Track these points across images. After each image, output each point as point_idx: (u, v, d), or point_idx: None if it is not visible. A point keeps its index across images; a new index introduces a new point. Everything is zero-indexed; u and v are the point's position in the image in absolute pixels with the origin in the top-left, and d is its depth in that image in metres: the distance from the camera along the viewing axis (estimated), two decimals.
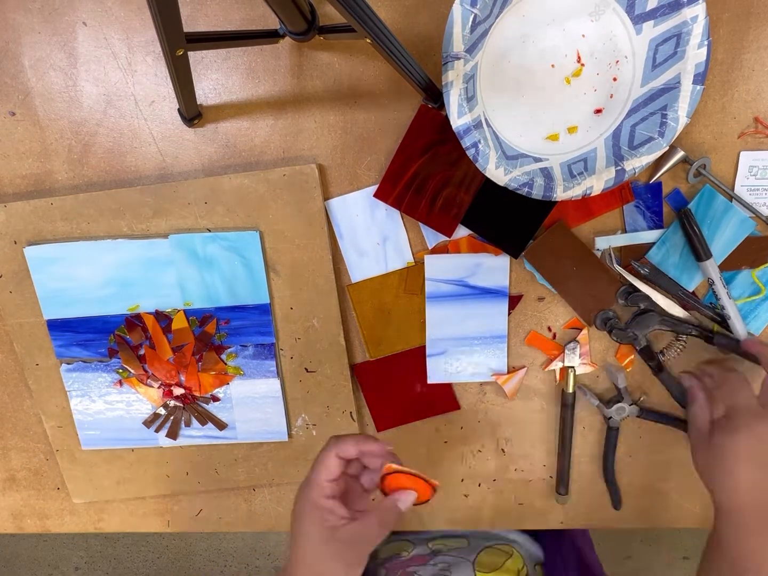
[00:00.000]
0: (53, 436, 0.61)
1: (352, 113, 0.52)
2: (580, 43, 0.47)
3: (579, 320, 0.57)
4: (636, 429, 0.60)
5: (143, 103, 0.53)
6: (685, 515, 0.62)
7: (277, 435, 0.59)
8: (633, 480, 0.62)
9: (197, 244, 0.54)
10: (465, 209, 0.53)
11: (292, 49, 0.51)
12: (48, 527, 0.66)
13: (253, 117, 0.53)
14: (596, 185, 0.45)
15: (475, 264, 0.55)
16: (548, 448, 0.61)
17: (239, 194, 0.52)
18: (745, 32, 0.49)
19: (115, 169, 0.54)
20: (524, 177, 0.46)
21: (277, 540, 1.66)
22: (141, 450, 0.61)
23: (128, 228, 0.54)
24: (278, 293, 0.55)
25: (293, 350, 0.57)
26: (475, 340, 0.57)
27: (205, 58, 0.52)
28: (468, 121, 0.45)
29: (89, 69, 0.52)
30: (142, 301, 0.55)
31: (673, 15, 0.43)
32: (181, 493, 0.63)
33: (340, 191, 0.54)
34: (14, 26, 0.51)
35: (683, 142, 0.51)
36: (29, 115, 0.53)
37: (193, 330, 0.56)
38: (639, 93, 0.46)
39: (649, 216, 0.53)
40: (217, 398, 0.58)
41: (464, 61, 0.45)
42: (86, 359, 0.58)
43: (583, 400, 0.59)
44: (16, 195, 0.55)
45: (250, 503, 0.63)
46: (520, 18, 0.47)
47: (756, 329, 0.56)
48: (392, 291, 0.56)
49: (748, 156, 0.51)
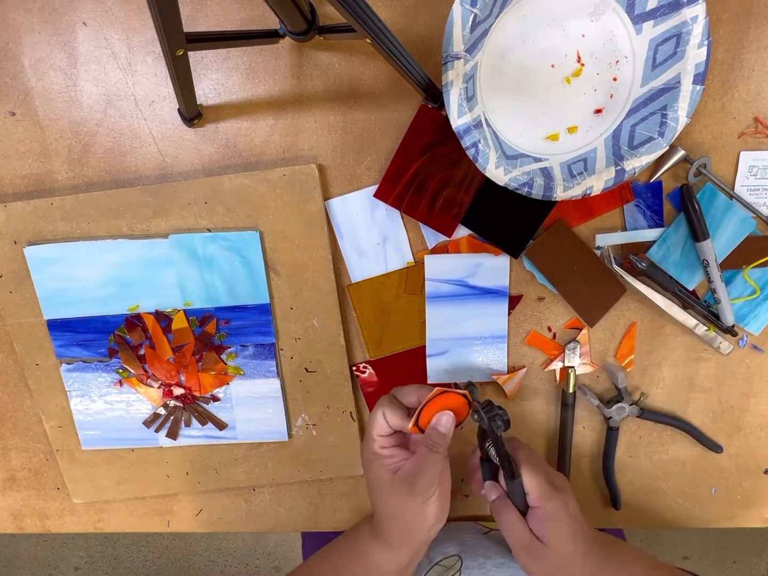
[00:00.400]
0: (53, 436, 0.61)
1: (352, 113, 0.52)
2: (580, 43, 0.47)
3: (579, 320, 0.57)
4: (636, 429, 0.60)
5: (143, 103, 0.53)
6: (685, 515, 0.63)
7: (277, 435, 0.59)
8: (633, 480, 0.62)
9: (197, 244, 0.54)
10: (465, 209, 0.53)
11: (292, 49, 0.51)
12: (48, 527, 0.66)
13: (253, 117, 0.53)
14: (596, 185, 0.45)
15: (475, 264, 0.55)
16: (548, 448, 0.61)
17: (239, 194, 0.52)
18: (745, 32, 0.49)
19: (115, 169, 0.54)
20: (524, 177, 0.46)
21: (277, 540, 1.66)
22: (141, 450, 0.61)
23: (128, 228, 0.54)
24: (278, 293, 0.55)
25: (293, 350, 0.57)
26: (475, 340, 0.57)
27: (205, 58, 0.52)
28: (468, 121, 0.45)
29: (89, 69, 0.52)
30: (142, 301, 0.55)
31: (673, 15, 0.43)
32: (181, 493, 0.63)
33: (340, 191, 0.54)
34: (14, 26, 0.51)
35: (683, 142, 0.51)
36: (29, 115, 0.53)
37: (193, 330, 0.56)
38: (639, 93, 0.46)
39: (650, 215, 0.53)
40: (217, 398, 0.58)
41: (464, 61, 0.45)
42: (86, 359, 0.58)
43: (583, 400, 0.59)
44: (16, 195, 0.55)
45: (250, 503, 0.63)
46: (520, 18, 0.47)
47: (756, 329, 0.56)
48: (392, 291, 0.56)
49: (748, 156, 0.51)
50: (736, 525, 0.64)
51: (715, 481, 0.61)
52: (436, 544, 0.56)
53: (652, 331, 0.57)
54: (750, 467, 0.61)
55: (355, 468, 0.60)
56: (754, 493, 0.62)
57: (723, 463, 0.61)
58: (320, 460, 0.60)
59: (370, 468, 0.47)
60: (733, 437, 0.60)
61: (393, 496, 0.45)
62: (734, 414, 0.59)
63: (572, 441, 0.60)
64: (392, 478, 0.45)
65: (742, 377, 0.58)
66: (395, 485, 0.45)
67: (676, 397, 0.59)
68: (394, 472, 0.46)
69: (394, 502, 0.45)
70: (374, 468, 0.47)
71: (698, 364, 0.58)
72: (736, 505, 0.62)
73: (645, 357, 0.58)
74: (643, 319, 0.56)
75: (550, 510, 0.45)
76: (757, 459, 0.61)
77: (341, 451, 0.60)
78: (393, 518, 0.46)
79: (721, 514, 0.63)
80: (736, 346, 0.57)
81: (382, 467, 0.46)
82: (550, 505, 0.45)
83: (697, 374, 0.58)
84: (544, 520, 0.45)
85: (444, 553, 0.56)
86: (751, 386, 0.58)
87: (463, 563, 0.53)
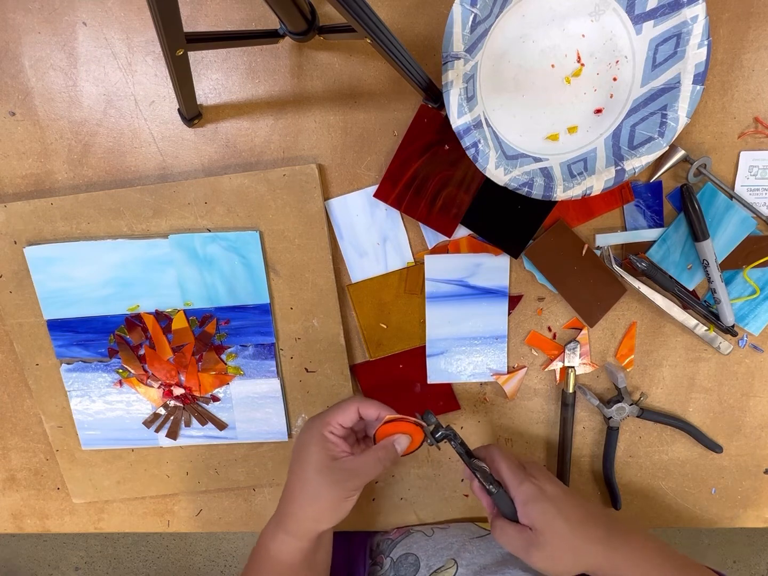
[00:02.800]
0: (53, 436, 0.61)
1: (352, 113, 0.52)
2: (580, 43, 0.47)
3: (579, 320, 0.57)
4: (636, 429, 0.60)
5: (143, 103, 0.53)
6: (685, 515, 0.63)
7: (277, 435, 0.59)
8: (633, 480, 0.62)
9: (197, 244, 0.54)
10: (465, 209, 0.53)
11: (292, 49, 0.51)
12: (48, 527, 0.66)
13: (253, 117, 0.53)
14: (596, 185, 0.45)
15: (475, 264, 0.55)
16: (548, 448, 0.61)
17: (239, 194, 0.52)
18: (745, 32, 0.49)
19: (115, 169, 0.54)
20: (524, 177, 0.46)
21: None
22: (141, 450, 0.61)
23: (128, 228, 0.54)
24: (278, 293, 0.55)
25: (293, 350, 0.57)
26: (475, 340, 0.57)
27: (205, 58, 0.52)
28: (468, 121, 0.45)
29: (89, 69, 0.52)
30: (142, 301, 0.55)
31: (673, 15, 0.43)
32: (181, 493, 0.63)
33: (340, 191, 0.54)
34: (14, 26, 0.51)
35: (683, 142, 0.51)
36: (29, 115, 0.53)
37: (193, 330, 0.56)
38: (639, 93, 0.46)
39: (650, 215, 0.53)
40: (217, 398, 0.58)
41: (464, 60, 0.45)
42: (86, 359, 0.58)
43: (583, 400, 0.59)
44: (16, 195, 0.55)
45: (250, 503, 0.63)
46: (520, 18, 0.47)
47: (756, 329, 0.56)
48: (392, 291, 0.56)
49: (748, 156, 0.51)
50: (736, 525, 0.64)
51: (715, 481, 0.61)
52: (434, 551, 0.57)
53: (652, 331, 0.57)
54: (750, 467, 0.61)
55: None
56: (754, 493, 0.62)
57: (723, 463, 0.61)
58: None
59: (311, 448, 0.48)
60: (733, 437, 0.60)
61: (323, 479, 0.47)
62: (734, 414, 0.59)
63: (572, 441, 0.60)
64: (332, 463, 0.47)
65: (742, 377, 0.58)
66: (333, 471, 0.47)
67: (676, 397, 0.59)
68: (333, 459, 0.47)
69: (322, 483, 0.46)
70: (317, 447, 0.48)
71: (698, 364, 0.58)
72: (736, 505, 0.62)
73: (645, 357, 0.58)
74: (643, 319, 0.56)
75: (526, 492, 0.46)
76: (757, 459, 0.61)
77: None
78: (309, 498, 0.47)
79: (721, 514, 0.63)
80: (736, 346, 0.57)
81: (324, 450, 0.47)
82: (524, 488, 0.46)
83: (697, 374, 0.58)
84: (524, 504, 0.46)
85: (440, 556, 0.56)
86: (751, 386, 0.58)
87: (458, 570, 0.53)
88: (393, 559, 0.59)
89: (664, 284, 0.53)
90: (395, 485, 0.62)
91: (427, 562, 0.55)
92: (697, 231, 0.51)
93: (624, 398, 0.57)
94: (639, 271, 0.52)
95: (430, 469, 0.62)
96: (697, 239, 0.51)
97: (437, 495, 0.63)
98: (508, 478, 0.48)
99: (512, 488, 0.47)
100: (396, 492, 0.62)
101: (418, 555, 0.58)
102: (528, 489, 0.46)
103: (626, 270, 0.53)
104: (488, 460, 0.50)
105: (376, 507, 0.63)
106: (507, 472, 0.48)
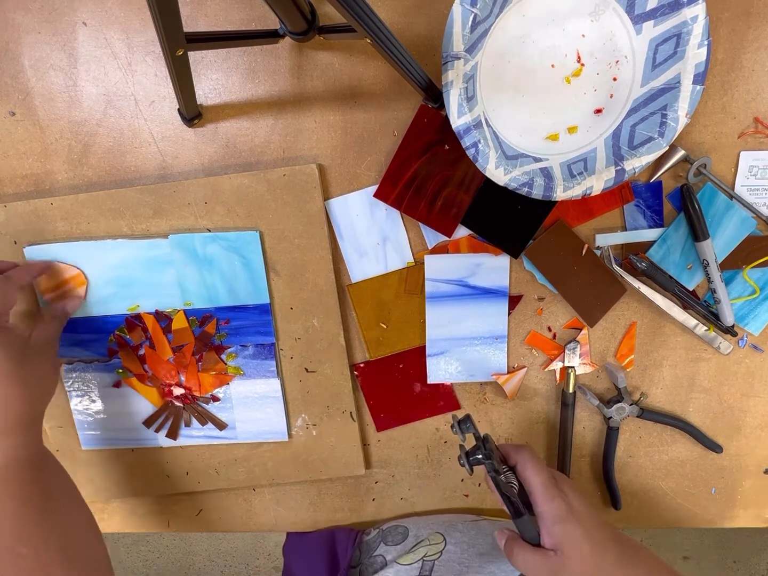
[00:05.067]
0: (53, 436, 0.61)
1: (352, 113, 0.52)
2: (580, 43, 0.47)
3: (579, 320, 0.57)
4: (636, 429, 0.60)
5: (143, 103, 0.53)
6: (685, 515, 0.63)
7: (277, 435, 0.59)
8: (633, 480, 0.62)
9: (197, 244, 0.54)
10: (465, 209, 0.53)
11: (292, 49, 0.51)
12: None
13: (253, 117, 0.53)
14: (596, 185, 0.45)
15: (475, 264, 0.55)
16: (548, 448, 0.61)
17: (239, 194, 0.52)
18: (745, 32, 0.49)
19: (115, 169, 0.54)
20: (524, 177, 0.46)
21: (277, 540, 1.66)
22: (141, 450, 0.61)
23: (128, 228, 0.54)
24: (278, 293, 0.55)
25: (293, 350, 0.57)
26: (475, 340, 0.57)
27: (205, 58, 0.52)
28: (468, 121, 0.45)
29: (89, 69, 0.52)
30: (142, 301, 0.55)
31: (673, 15, 0.43)
32: (181, 493, 0.63)
33: (340, 191, 0.54)
34: (14, 26, 0.51)
35: (683, 142, 0.51)
36: (29, 115, 0.53)
37: (193, 330, 0.56)
38: (639, 93, 0.46)
39: (650, 215, 0.53)
40: (217, 398, 0.58)
41: (464, 60, 0.45)
42: (86, 359, 0.57)
43: (583, 400, 0.59)
44: (16, 195, 0.55)
45: (250, 503, 0.63)
46: (520, 18, 0.47)
47: (756, 329, 0.56)
48: (392, 291, 0.56)
49: (748, 156, 0.51)
50: (736, 525, 0.64)
51: (715, 481, 0.61)
52: (424, 524, 0.57)
53: (652, 331, 0.57)
54: (750, 467, 0.61)
55: (356, 468, 0.60)
56: (754, 493, 0.62)
57: (723, 463, 0.61)
58: (320, 460, 0.60)
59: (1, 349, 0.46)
60: (733, 437, 0.60)
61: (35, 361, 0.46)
62: (734, 414, 0.59)
63: (572, 441, 0.60)
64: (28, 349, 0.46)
65: (742, 377, 0.58)
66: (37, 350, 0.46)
67: (676, 397, 0.59)
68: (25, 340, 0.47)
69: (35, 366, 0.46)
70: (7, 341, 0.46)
71: (698, 364, 0.58)
72: (736, 505, 0.62)
73: (645, 357, 0.58)
74: (643, 319, 0.56)
75: (556, 511, 0.43)
76: (757, 459, 0.61)
77: (341, 451, 0.60)
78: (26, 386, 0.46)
79: (721, 514, 0.63)
80: (736, 346, 0.57)
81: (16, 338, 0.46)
82: (555, 505, 0.43)
83: (697, 374, 0.58)
84: (553, 523, 0.43)
85: (430, 530, 0.56)
86: (751, 386, 0.58)
87: (446, 545, 0.53)
88: (382, 529, 0.60)
89: (664, 284, 0.53)
90: (395, 485, 0.62)
91: (415, 533, 0.56)
92: (697, 231, 0.51)
93: (624, 398, 0.57)
94: (639, 271, 0.52)
95: (430, 469, 0.62)
96: (697, 239, 0.52)
97: (437, 495, 0.63)
98: (538, 492, 0.44)
99: (541, 503, 0.43)
100: (396, 492, 0.62)
101: (407, 526, 0.58)
102: (559, 507, 0.43)
103: (626, 270, 0.53)
104: (519, 466, 0.46)
105: (376, 507, 0.63)
106: (539, 486, 0.44)
